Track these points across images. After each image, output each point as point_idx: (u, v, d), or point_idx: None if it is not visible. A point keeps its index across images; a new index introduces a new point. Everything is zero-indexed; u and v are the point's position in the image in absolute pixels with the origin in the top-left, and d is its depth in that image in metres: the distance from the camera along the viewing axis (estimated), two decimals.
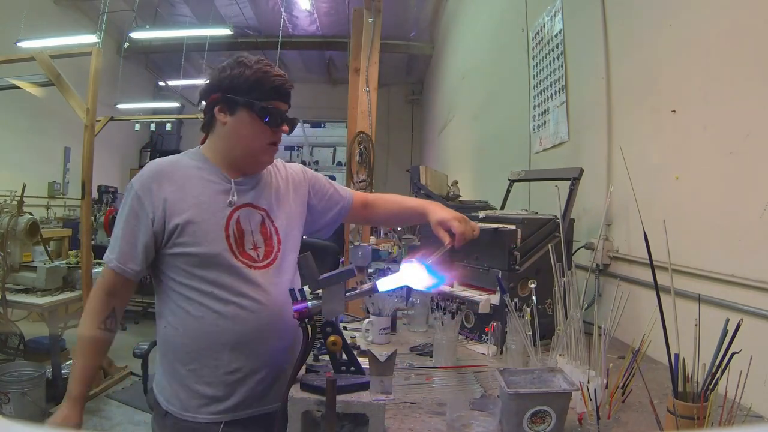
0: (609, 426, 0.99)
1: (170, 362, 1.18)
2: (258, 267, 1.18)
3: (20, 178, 3.79)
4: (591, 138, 2.05)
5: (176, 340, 1.16)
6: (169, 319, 1.17)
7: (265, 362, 1.18)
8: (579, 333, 1.16)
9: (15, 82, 3.26)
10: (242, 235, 1.18)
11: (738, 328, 0.84)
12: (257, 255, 1.19)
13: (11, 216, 3.27)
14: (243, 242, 1.17)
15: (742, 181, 1.21)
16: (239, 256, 1.16)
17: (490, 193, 3.05)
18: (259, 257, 1.19)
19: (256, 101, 1.16)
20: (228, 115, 1.18)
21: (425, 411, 1.09)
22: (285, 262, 1.24)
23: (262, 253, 1.20)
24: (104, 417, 3.15)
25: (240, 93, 1.15)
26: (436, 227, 1.33)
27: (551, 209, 1.72)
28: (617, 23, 1.90)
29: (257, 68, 1.17)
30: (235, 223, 1.18)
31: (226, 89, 1.16)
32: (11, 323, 3.37)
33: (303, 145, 11.29)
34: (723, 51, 1.30)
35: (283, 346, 1.21)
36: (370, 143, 3.56)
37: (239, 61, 1.18)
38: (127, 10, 7.10)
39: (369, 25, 3.58)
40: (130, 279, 1.16)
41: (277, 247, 1.23)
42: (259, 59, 1.20)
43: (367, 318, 1.61)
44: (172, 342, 1.17)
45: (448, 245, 1.28)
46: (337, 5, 7.60)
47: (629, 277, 1.66)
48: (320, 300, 1.01)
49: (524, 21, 2.98)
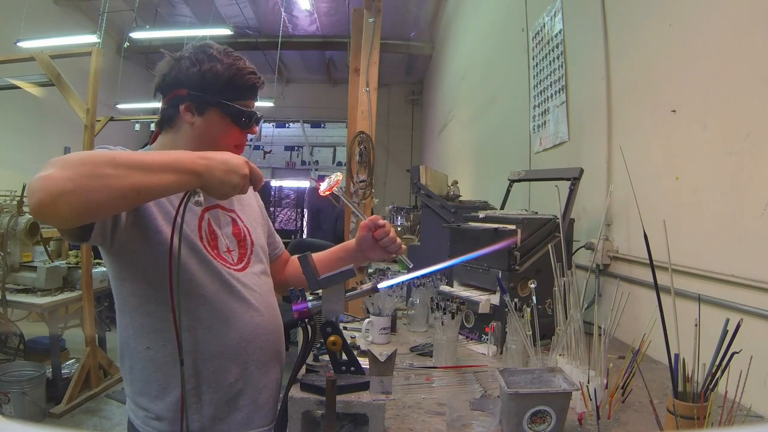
0: (609, 426, 0.99)
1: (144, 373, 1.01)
2: (235, 270, 1.08)
3: (20, 178, 3.78)
4: (591, 138, 2.05)
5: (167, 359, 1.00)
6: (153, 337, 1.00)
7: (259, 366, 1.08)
8: (579, 333, 1.16)
9: (15, 82, 3.26)
10: (215, 237, 1.08)
11: (738, 328, 0.84)
12: (231, 258, 1.09)
13: (11, 216, 3.27)
14: (217, 245, 1.07)
15: (742, 181, 1.21)
16: (216, 258, 1.05)
17: (490, 193, 3.06)
18: (233, 260, 1.09)
19: (229, 102, 1.05)
20: (196, 115, 1.05)
21: (425, 411, 1.09)
22: (258, 265, 1.15)
23: (236, 256, 1.11)
24: (104, 417, 3.15)
25: (211, 92, 1.04)
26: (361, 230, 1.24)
27: (551, 209, 1.72)
28: (617, 23, 1.90)
29: (229, 63, 1.05)
30: (206, 225, 1.07)
31: (195, 86, 1.03)
32: (11, 323, 3.37)
33: (303, 145, 11.29)
34: (723, 51, 1.30)
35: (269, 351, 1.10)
36: (370, 143, 3.56)
37: (208, 54, 1.05)
38: (127, 10, 7.10)
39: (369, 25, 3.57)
40: None
41: (250, 250, 1.14)
42: (227, 50, 1.08)
43: (367, 318, 1.61)
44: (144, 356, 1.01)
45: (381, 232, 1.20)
46: (337, 5, 7.60)
47: (629, 277, 1.67)
48: (320, 300, 1.01)
49: (524, 21, 2.98)
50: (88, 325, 3.33)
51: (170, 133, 1.09)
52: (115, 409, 3.24)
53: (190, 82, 1.04)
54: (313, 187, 9.84)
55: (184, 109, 1.05)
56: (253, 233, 1.17)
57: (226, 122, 1.07)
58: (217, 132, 1.07)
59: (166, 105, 1.08)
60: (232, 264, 1.08)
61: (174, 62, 1.06)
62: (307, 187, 9.94)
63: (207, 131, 1.06)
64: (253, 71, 1.09)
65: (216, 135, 1.07)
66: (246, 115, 1.08)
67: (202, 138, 1.06)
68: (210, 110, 1.05)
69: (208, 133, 1.06)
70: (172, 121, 1.08)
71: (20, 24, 5.75)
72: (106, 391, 3.43)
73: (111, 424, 3.07)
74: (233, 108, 1.06)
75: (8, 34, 5.68)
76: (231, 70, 1.05)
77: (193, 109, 1.05)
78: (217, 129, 1.07)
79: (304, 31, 8.51)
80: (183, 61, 1.05)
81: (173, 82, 1.05)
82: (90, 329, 3.33)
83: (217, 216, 1.11)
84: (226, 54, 1.07)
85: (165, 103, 1.08)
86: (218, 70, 1.04)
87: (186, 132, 1.07)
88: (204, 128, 1.06)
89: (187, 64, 1.04)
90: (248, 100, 1.09)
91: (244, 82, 1.07)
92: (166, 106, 1.08)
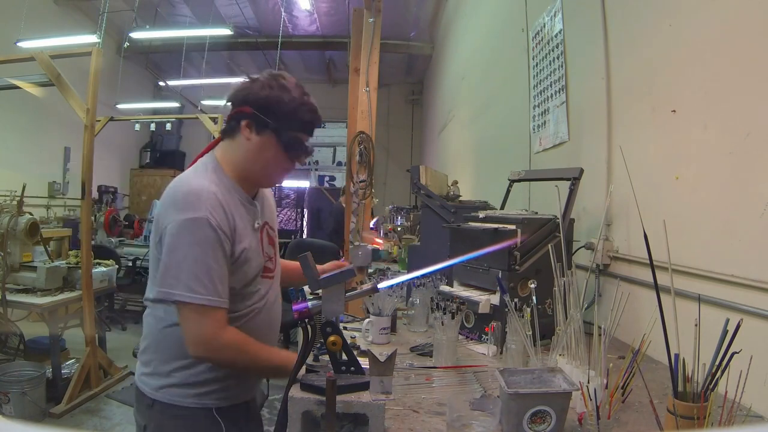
0: (609, 426, 0.99)
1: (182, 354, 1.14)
2: (271, 277, 1.28)
3: (20, 178, 3.79)
4: (591, 138, 2.05)
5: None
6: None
7: None
8: (579, 333, 1.16)
9: (15, 82, 3.26)
10: (265, 251, 1.26)
11: (738, 328, 0.84)
12: (271, 265, 1.28)
13: (11, 216, 3.27)
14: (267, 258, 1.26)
15: (742, 181, 1.21)
16: (264, 272, 1.24)
17: (490, 193, 3.05)
18: (272, 267, 1.28)
19: (286, 130, 1.16)
20: (254, 133, 1.16)
21: (425, 411, 1.09)
22: (278, 267, 1.34)
23: (274, 263, 1.29)
24: (104, 417, 3.15)
25: (273, 117, 1.14)
26: None
27: (551, 209, 1.72)
28: (617, 23, 1.90)
29: (296, 96, 1.15)
30: (267, 244, 1.26)
31: (260, 107, 1.14)
32: (11, 323, 3.37)
33: None
34: (723, 50, 1.30)
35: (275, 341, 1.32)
36: (370, 143, 3.56)
37: (280, 83, 1.16)
38: (127, 10, 7.10)
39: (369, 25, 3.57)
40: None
41: (277, 255, 1.33)
42: (299, 84, 1.19)
43: (367, 318, 1.61)
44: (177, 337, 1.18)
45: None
46: (337, 5, 7.60)
47: (629, 277, 1.66)
48: (320, 300, 1.01)
49: (524, 21, 2.98)
50: (88, 325, 3.33)
51: (228, 142, 1.21)
52: (115, 409, 3.24)
53: (258, 103, 1.14)
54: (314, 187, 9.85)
55: (245, 125, 1.16)
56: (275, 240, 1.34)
57: (279, 148, 1.17)
58: (270, 154, 1.18)
59: (231, 117, 1.19)
60: (273, 271, 1.29)
61: (249, 82, 1.18)
62: (307, 187, 9.94)
63: (261, 151, 1.17)
64: (315, 109, 1.19)
65: (268, 157, 1.18)
66: (298, 147, 1.19)
67: (255, 155, 1.18)
68: (267, 133, 1.16)
69: (262, 153, 1.18)
70: (233, 132, 1.19)
71: (20, 24, 5.75)
72: (106, 391, 3.43)
73: (111, 424, 3.07)
74: (289, 136, 1.17)
75: (8, 34, 5.68)
76: (296, 103, 1.15)
77: (253, 127, 1.16)
78: (270, 152, 1.18)
79: (304, 31, 8.51)
80: (256, 83, 1.16)
81: (243, 98, 1.16)
82: (90, 329, 3.33)
83: (266, 232, 1.29)
84: (297, 87, 1.17)
85: (231, 115, 1.19)
86: (285, 100, 1.14)
87: (241, 145, 1.18)
88: (258, 147, 1.17)
89: (258, 86, 1.15)
90: (304, 134, 1.20)
91: (305, 116, 1.17)
92: (231, 118, 1.19)
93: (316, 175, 10.75)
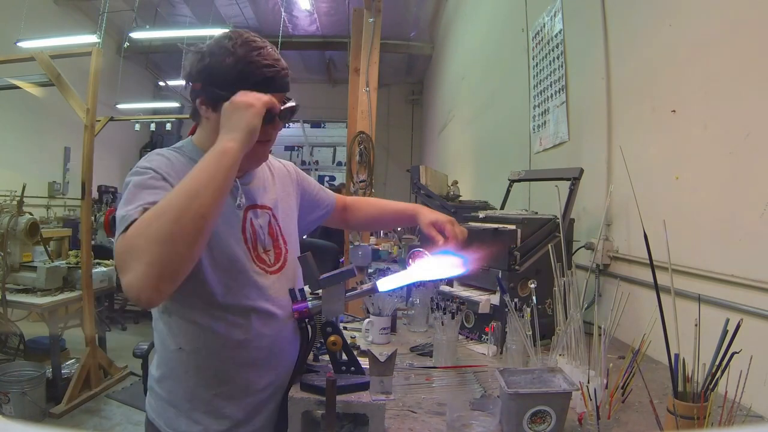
0: (609, 426, 0.99)
1: (189, 388, 1.03)
2: (272, 272, 1.09)
3: (20, 178, 3.79)
4: (591, 138, 2.05)
5: (198, 363, 1.03)
6: (181, 341, 1.03)
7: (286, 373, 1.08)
8: (579, 333, 1.16)
9: (15, 82, 3.26)
10: (256, 238, 1.07)
11: (738, 328, 0.84)
12: (269, 259, 1.09)
13: (11, 216, 3.28)
14: (257, 246, 1.07)
15: (742, 180, 1.21)
16: (256, 262, 1.06)
17: (490, 193, 3.05)
18: (271, 261, 1.09)
19: None
20: (210, 110, 1.00)
21: (425, 411, 1.09)
22: (291, 264, 1.14)
23: (272, 256, 1.10)
24: (104, 417, 3.15)
25: (222, 86, 0.96)
26: (428, 227, 1.26)
27: (551, 209, 1.72)
28: (617, 23, 1.90)
29: (242, 55, 0.96)
30: (250, 226, 1.07)
31: (205, 79, 0.99)
32: (11, 323, 3.37)
33: (303, 145, 11.29)
34: (723, 51, 1.30)
35: (294, 355, 1.09)
36: (370, 143, 3.57)
37: (223, 45, 0.98)
38: (127, 10, 7.11)
39: (369, 25, 3.58)
40: None
41: (284, 248, 1.14)
42: (248, 39, 0.99)
43: (367, 318, 1.61)
44: (192, 366, 1.03)
45: (442, 245, 1.23)
46: (337, 5, 7.61)
47: (629, 277, 1.66)
48: (320, 300, 1.01)
49: (524, 21, 2.98)
50: (88, 325, 3.33)
51: (199, 127, 1.08)
52: (115, 409, 3.24)
53: (203, 76, 1.00)
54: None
55: (200, 103, 1.02)
56: (285, 231, 1.16)
57: None
58: None
59: (191, 97, 1.05)
60: (270, 265, 1.09)
61: (194, 55, 1.02)
62: None
63: None
64: (270, 62, 0.99)
65: None
66: None
67: (217, 133, 0.97)
68: (222, 105, 0.96)
69: None
70: (196, 114, 1.05)
71: (20, 24, 5.75)
72: (106, 391, 3.43)
73: (111, 424, 3.07)
74: None
75: (8, 34, 5.69)
76: (242, 62, 0.97)
77: (208, 104, 1.01)
78: None
79: (304, 31, 8.52)
80: (201, 54, 1.01)
81: (190, 76, 1.02)
82: (90, 329, 3.33)
83: (256, 215, 1.10)
84: (243, 43, 0.98)
85: (190, 95, 1.05)
86: (228, 62, 0.97)
87: (205, 126, 1.05)
88: (218, 124, 0.96)
89: (198, 57, 1.00)
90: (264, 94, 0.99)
91: (258, 74, 0.97)
92: (191, 98, 1.05)
93: (316, 175, 10.75)
